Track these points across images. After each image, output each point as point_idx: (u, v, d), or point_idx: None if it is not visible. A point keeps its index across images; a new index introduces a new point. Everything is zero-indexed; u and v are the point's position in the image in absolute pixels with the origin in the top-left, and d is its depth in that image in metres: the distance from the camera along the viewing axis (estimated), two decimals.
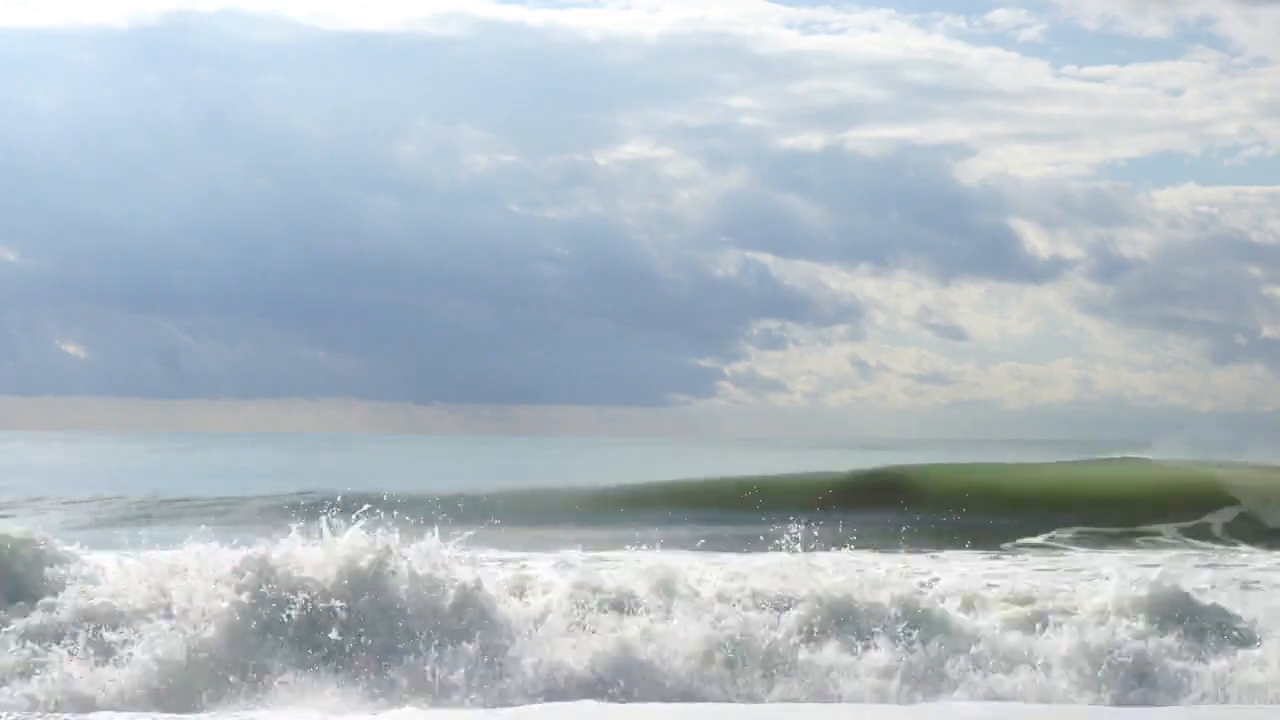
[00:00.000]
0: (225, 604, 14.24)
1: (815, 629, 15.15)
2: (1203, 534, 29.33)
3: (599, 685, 14.22)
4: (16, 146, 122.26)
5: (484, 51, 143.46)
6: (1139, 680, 14.44)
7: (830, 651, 14.80)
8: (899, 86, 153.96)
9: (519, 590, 16.03)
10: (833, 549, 17.14)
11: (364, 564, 14.83)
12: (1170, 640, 14.98)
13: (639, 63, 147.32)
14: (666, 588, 15.78)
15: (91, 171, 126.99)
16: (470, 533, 15.76)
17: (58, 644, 13.91)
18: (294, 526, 14.91)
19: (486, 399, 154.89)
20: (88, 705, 13.10)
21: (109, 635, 14.04)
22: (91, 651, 13.85)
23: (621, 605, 15.52)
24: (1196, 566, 23.03)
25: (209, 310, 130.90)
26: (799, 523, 16.50)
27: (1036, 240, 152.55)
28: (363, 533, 15.10)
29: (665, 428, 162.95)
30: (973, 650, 14.72)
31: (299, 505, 31.24)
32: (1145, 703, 14.08)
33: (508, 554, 21.62)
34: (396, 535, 15.18)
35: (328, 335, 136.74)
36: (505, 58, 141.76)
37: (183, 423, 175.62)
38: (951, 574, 20.07)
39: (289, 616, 14.26)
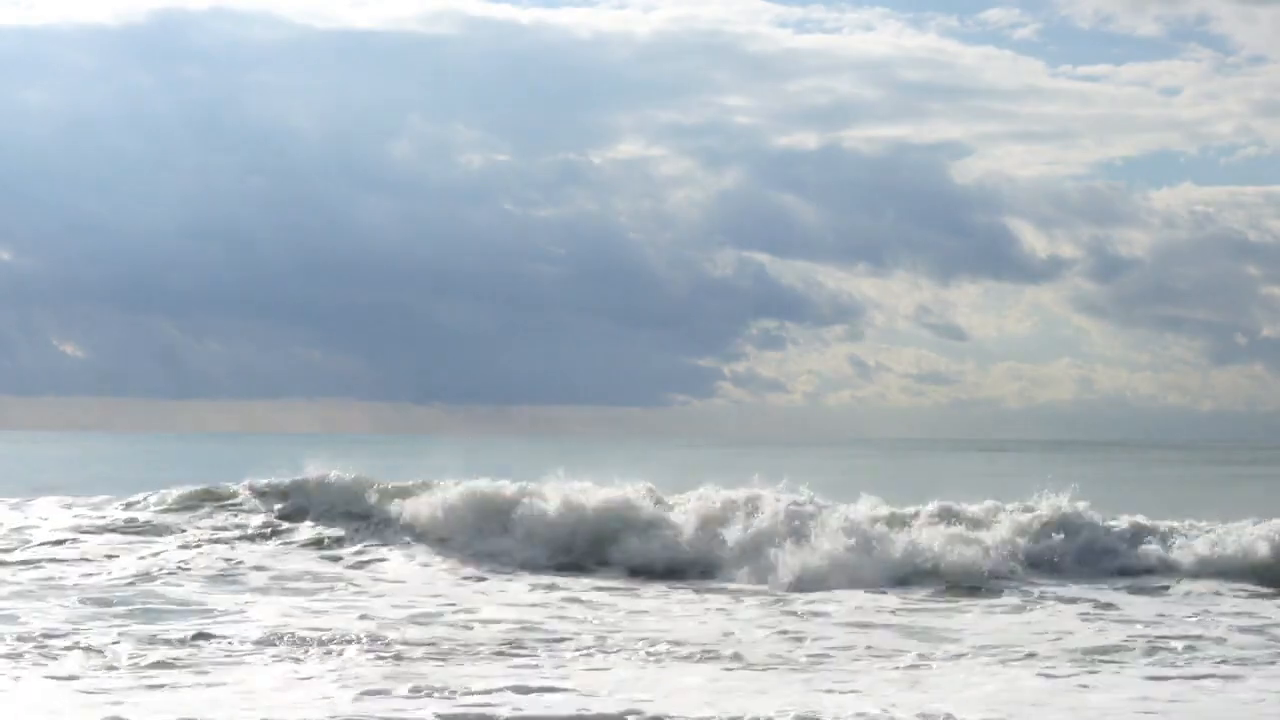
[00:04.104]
0: None
1: None
2: None
3: None
4: (9, 145, 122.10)
5: (475, 50, 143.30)
6: None
7: None
8: (893, 85, 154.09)
9: None
10: None
11: None
12: None
13: (632, 61, 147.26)
14: None
15: (84, 170, 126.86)
16: None
17: None
18: None
19: (486, 399, 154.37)
20: None
21: None
22: None
23: None
24: None
25: (205, 310, 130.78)
26: None
27: (1034, 240, 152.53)
28: None
29: (665, 428, 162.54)
30: None
31: None
32: None
33: None
34: None
35: (326, 335, 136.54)
36: (497, 56, 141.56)
37: (182, 423, 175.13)
38: None
39: None
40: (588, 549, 23.56)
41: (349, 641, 15.45)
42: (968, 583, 21.11)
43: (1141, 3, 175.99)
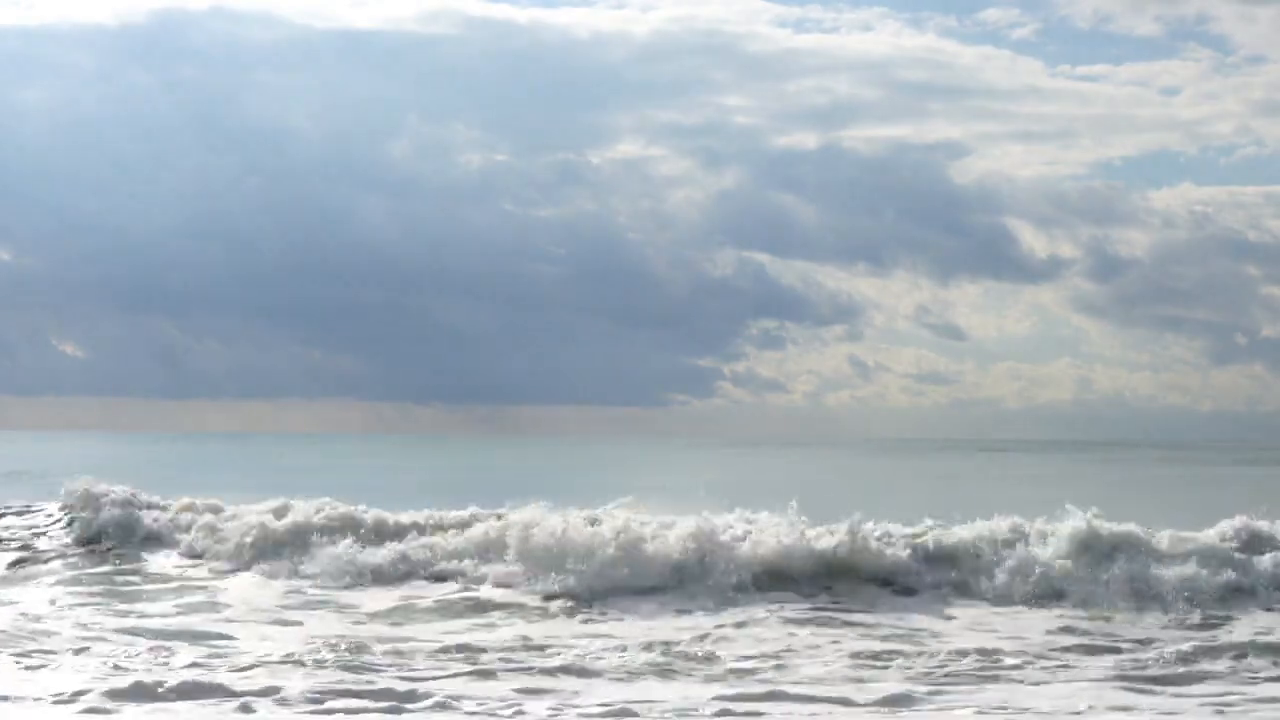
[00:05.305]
0: None
1: None
2: None
3: None
4: (9, 145, 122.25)
5: (473, 50, 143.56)
6: None
7: None
8: (892, 85, 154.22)
9: None
10: None
11: None
12: None
13: (630, 61, 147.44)
14: None
15: (83, 170, 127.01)
16: None
17: None
18: None
19: (486, 399, 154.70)
20: None
21: None
22: None
23: None
24: None
25: (206, 310, 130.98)
26: None
27: (1033, 240, 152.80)
28: None
29: (665, 428, 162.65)
30: None
31: None
32: None
33: None
34: None
35: (326, 335, 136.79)
36: (495, 56, 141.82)
37: (182, 423, 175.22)
38: None
39: None
40: None
41: None
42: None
43: (1140, 3, 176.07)
